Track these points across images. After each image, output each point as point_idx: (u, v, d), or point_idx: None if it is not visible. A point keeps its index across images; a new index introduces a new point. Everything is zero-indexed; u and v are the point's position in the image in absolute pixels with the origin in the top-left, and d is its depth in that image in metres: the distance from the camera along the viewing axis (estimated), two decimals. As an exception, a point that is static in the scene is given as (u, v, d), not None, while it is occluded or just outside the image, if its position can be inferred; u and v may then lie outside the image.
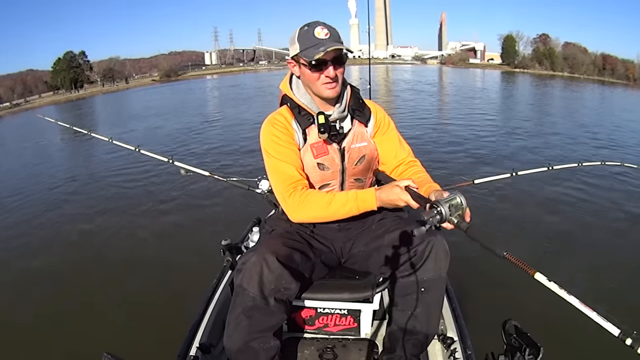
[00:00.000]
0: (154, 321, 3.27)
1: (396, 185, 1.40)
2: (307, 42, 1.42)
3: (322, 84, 1.47)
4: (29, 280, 4.36)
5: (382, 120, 1.68)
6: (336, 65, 1.45)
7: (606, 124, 14.36)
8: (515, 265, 1.14)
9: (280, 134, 1.52)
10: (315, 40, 1.40)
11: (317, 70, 1.44)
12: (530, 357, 1.29)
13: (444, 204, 1.20)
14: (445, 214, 1.19)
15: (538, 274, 1.13)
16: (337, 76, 1.46)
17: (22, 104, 53.39)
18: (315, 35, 1.41)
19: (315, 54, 1.39)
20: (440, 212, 1.19)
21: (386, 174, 1.71)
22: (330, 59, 1.42)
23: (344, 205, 1.46)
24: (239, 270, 1.41)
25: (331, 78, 1.45)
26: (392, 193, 1.40)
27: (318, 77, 1.46)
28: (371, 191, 1.45)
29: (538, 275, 1.14)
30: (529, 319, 1.48)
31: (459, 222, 1.21)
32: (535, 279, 1.13)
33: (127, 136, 13.63)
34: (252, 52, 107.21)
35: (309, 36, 1.41)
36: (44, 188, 8.25)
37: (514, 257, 1.15)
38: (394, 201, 1.40)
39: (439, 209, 1.19)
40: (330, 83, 1.47)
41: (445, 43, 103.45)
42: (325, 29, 1.42)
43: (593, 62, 63.84)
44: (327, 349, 1.75)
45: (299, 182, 1.51)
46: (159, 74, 77.15)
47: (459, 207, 1.23)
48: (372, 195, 1.45)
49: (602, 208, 5.85)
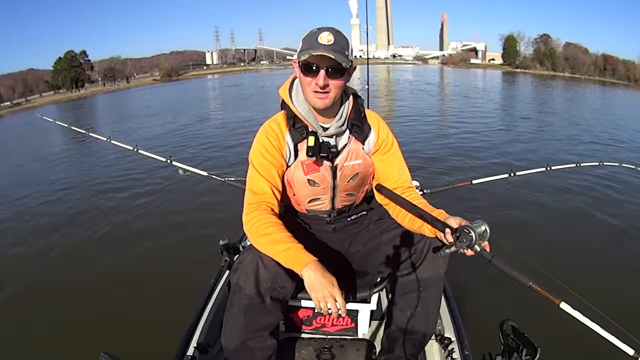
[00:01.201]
0: (152, 321, 3.26)
1: (332, 283, 1.25)
2: (306, 44, 1.35)
3: (313, 91, 1.38)
4: (27, 279, 4.35)
5: (385, 140, 1.58)
6: (331, 76, 1.35)
7: (605, 124, 14.32)
8: (541, 295, 1.17)
9: (270, 146, 1.47)
10: (314, 43, 1.33)
11: (309, 75, 1.36)
12: (528, 357, 1.28)
13: (474, 229, 1.20)
14: (475, 239, 1.19)
15: (563, 303, 1.20)
16: (328, 86, 1.36)
17: (22, 103, 53.42)
18: (317, 40, 1.33)
19: (301, 55, 1.34)
20: (471, 237, 1.20)
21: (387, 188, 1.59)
22: (323, 67, 1.33)
23: (278, 253, 1.32)
24: (236, 269, 1.41)
25: (320, 87, 1.35)
26: (323, 279, 1.24)
27: (310, 82, 1.37)
28: (308, 261, 1.28)
29: (563, 305, 1.20)
30: (527, 320, 1.47)
31: (482, 250, 1.22)
32: (561, 308, 1.19)
33: (127, 135, 13.64)
34: (253, 51, 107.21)
35: (312, 39, 1.34)
36: (43, 187, 8.22)
37: (539, 286, 1.18)
38: (316, 285, 1.24)
39: (471, 234, 1.20)
40: (318, 93, 1.37)
41: (446, 43, 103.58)
42: (330, 36, 1.33)
43: (594, 62, 63.94)
44: (325, 349, 1.75)
45: (264, 201, 1.44)
46: (160, 73, 77.27)
47: (483, 235, 1.22)
48: (302, 265, 1.27)
49: (599, 208, 5.84)
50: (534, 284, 1.18)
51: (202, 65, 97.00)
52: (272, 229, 1.36)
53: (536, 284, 1.18)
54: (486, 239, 1.24)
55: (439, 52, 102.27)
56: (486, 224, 1.23)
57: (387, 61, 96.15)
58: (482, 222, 1.24)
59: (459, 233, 1.23)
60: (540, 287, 1.18)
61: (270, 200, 1.45)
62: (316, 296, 1.24)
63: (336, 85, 1.38)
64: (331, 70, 1.34)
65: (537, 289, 1.18)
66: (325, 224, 1.67)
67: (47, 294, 3.97)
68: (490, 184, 3.23)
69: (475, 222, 1.24)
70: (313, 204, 1.60)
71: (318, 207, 1.62)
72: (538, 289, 1.18)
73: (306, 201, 1.59)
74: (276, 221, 1.40)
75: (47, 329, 3.40)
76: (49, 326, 3.43)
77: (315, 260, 1.28)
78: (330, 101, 1.40)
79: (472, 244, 1.20)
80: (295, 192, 1.56)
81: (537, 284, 1.19)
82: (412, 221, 1.47)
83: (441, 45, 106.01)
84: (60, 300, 3.82)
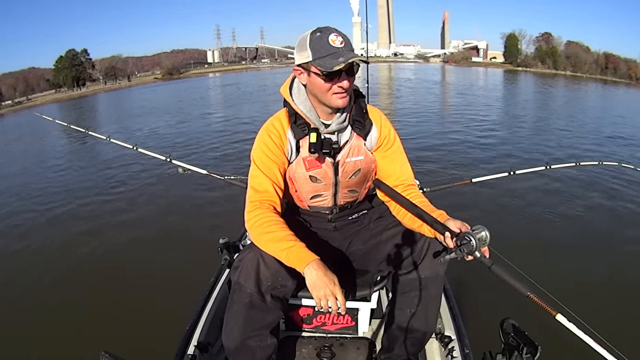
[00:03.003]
0: (152, 320, 3.28)
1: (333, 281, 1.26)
2: (322, 51, 1.32)
3: (334, 94, 1.37)
4: (27, 279, 4.36)
5: (387, 136, 1.58)
6: (349, 76, 1.37)
7: (606, 123, 14.34)
8: (538, 305, 1.19)
9: (272, 144, 1.47)
10: (331, 48, 1.31)
11: (330, 81, 1.35)
12: (528, 355, 1.28)
13: (475, 236, 1.20)
14: (475, 246, 1.20)
15: (559, 315, 1.21)
16: (349, 87, 1.39)
17: (24, 102, 53.51)
18: (330, 43, 1.31)
19: (334, 64, 1.29)
20: (472, 245, 1.20)
21: (387, 185, 1.59)
22: (344, 70, 1.33)
23: (279, 251, 1.32)
24: (236, 267, 1.41)
25: (344, 89, 1.37)
26: (325, 278, 1.25)
27: (330, 87, 1.36)
28: (310, 260, 1.28)
29: (559, 317, 1.21)
30: (527, 318, 1.47)
31: (482, 257, 1.23)
32: (557, 319, 1.20)
33: (127, 134, 13.71)
34: (254, 50, 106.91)
35: (323, 44, 1.32)
36: (42, 186, 8.27)
37: (537, 297, 1.20)
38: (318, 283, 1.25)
39: (472, 242, 1.20)
40: (342, 93, 1.38)
41: (447, 41, 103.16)
42: (339, 37, 1.33)
43: (595, 61, 63.80)
44: (325, 347, 1.76)
45: (266, 199, 1.44)
46: (161, 72, 77.28)
47: (483, 241, 1.23)
48: (304, 264, 1.27)
49: (597, 208, 5.87)
50: (532, 294, 1.20)
51: (204, 64, 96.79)
52: (274, 227, 1.36)
53: (534, 294, 1.20)
54: (486, 245, 1.25)
55: (441, 50, 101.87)
56: (486, 230, 1.23)
57: (388, 59, 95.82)
58: (483, 228, 1.24)
59: (459, 240, 1.24)
60: (538, 297, 1.20)
61: (272, 198, 1.46)
62: (317, 294, 1.24)
63: (352, 82, 1.41)
64: (349, 71, 1.36)
65: (535, 299, 1.20)
66: (327, 222, 1.67)
67: (46, 293, 3.99)
68: (490, 182, 3.24)
69: (476, 228, 1.24)
70: (315, 200, 1.60)
71: (320, 203, 1.61)
72: (536, 299, 1.20)
73: (308, 197, 1.59)
74: (278, 219, 1.40)
75: (47, 328, 3.42)
76: (49, 325, 3.45)
77: (317, 259, 1.28)
78: (349, 97, 1.44)
79: (472, 252, 1.20)
80: (298, 189, 1.56)
81: (535, 294, 1.21)
82: (412, 220, 1.47)
83: (442, 44, 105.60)
84: (60, 298, 3.84)
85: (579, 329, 1.19)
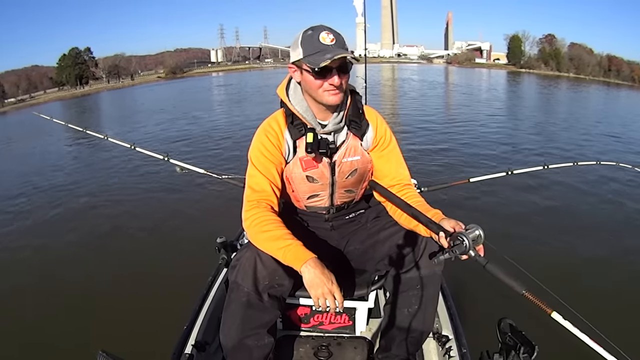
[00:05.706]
0: (149, 319, 3.26)
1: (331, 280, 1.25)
2: (311, 48, 1.33)
3: (325, 91, 1.38)
4: (25, 278, 4.36)
5: (383, 136, 1.58)
6: (341, 73, 1.37)
7: (606, 124, 14.30)
8: (533, 303, 1.19)
9: (270, 144, 1.47)
10: (320, 45, 1.32)
11: (321, 78, 1.35)
12: (525, 355, 1.28)
13: (467, 236, 1.21)
14: (469, 246, 1.20)
15: (555, 313, 1.20)
16: (341, 84, 1.38)
17: (27, 99, 53.69)
18: (320, 41, 1.32)
19: (320, 60, 1.30)
20: (465, 245, 1.20)
21: (382, 186, 1.60)
22: (335, 67, 1.34)
23: (277, 250, 1.32)
24: (234, 267, 1.42)
25: (335, 86, 1.37)
26: (322, 276, 1.24)
27: (321, 84, 1.37)
28: (307, 258, 1.28)
29: (555, 315, 1.20)
30: (525, 316, 1.47)
31: (476, 256, 1.23)
32: (552, 317, 1.20)
33: (126, 132, 13.74)
34: (257, 49, 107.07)
35: (313, 41, 1.33)
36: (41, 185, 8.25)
37: (533, 295, 1.20)
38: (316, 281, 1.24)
39: (465, 242, 1.20)
40: (333, 90, 1.38)
41: (451, 42, 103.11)
42: (330, 35, 1.33)
43: (599, 63, 63.65)
44: (322, 347, 1.76)
45: (264, 198, 1.44)
46: (164, 71, 77.41)
47: (477, 240, 1.23)
48: (301, 262, 1.27)
49: (595, 207, 5.87)
50: (527, 293, 1.20)
51: (207, 63, 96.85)
52: (272, 226, 1.36)
53: (529, 292, 1.20)
54: (480, 243, 1.25)
55: (444, 51, 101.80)
56: (480, 229, 1.24)
57: (391, 60, 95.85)
58: (476, 227, 1.24)
59: (452, 240, 1.24)
60: (534, 295, 1.19)
61: (270, 197, 1.46)
62: (315, 293, 1.24)
63: (346, 80, 1.41)
64: (342, 68, 1.36)
65: (530, 298, 1.19)
66: (324, 221, 1.67)
67: (45, 293, 3.97)
68: (488, 182, 3.24)
69: (469, 228, 1.25)
70: (312, 200, 1.60)
71: (317, 203, 1.62)
72: (531, 297, 1.20)
73: (305, 197, 1.59)
74: (275, 218, 1.40)
75: (45, 328, 3.42)
76: (47, 325, 3.45)
77: (314, 257, 1.28)
78: (342, 95, 1.43)
79: (466, 251, 1.21)
80: (294, 189, 1.56)
81: (530, 292, 1.20)
82: (408, 220, 1.47)
83: (446, 45, 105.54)
84: (57, 299, 3.83)
85: (574, 327, 1.18)
